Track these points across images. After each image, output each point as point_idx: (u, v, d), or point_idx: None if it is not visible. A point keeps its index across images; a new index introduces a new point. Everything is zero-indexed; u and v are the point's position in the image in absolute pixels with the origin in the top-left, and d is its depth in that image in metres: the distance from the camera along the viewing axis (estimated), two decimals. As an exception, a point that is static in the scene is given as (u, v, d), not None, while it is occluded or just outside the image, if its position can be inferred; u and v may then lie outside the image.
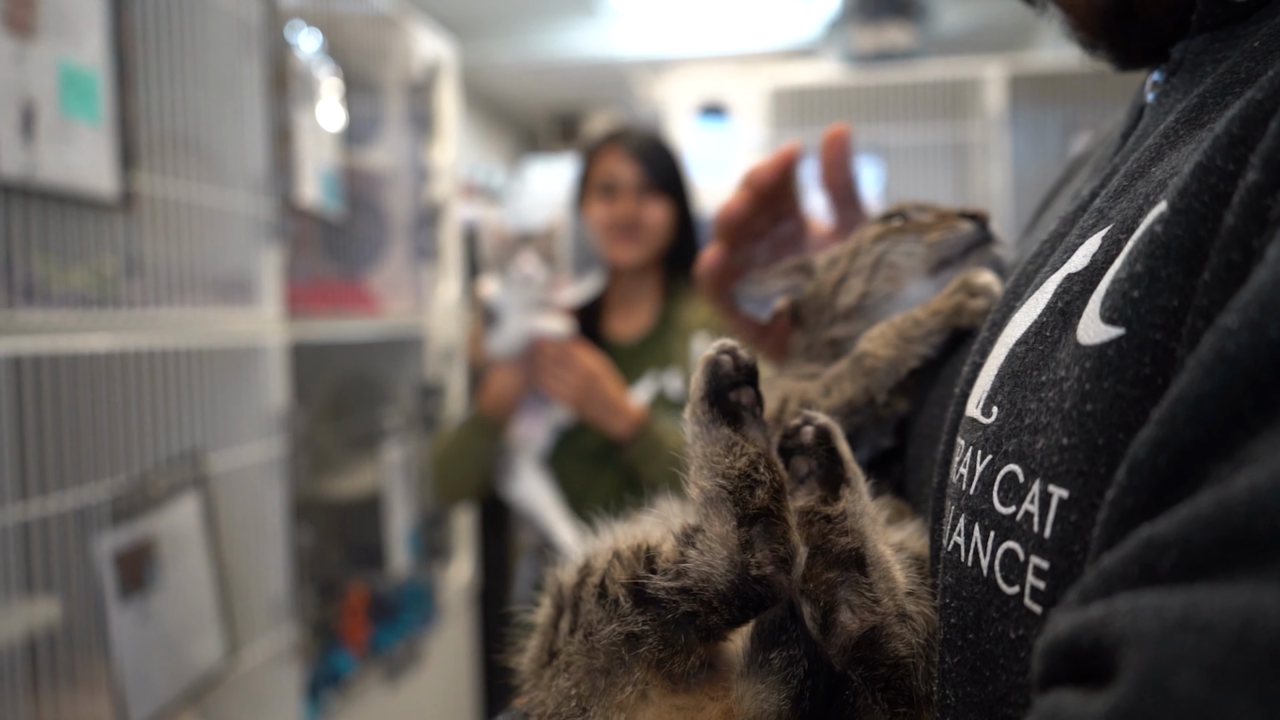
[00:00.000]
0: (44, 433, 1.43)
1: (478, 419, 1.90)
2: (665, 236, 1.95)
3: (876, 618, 0.40)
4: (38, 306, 1.41)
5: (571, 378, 1.78)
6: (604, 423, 1.80)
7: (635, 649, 0.39)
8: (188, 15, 1.76)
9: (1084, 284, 0.40)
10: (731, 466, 0.40)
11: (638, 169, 1.92)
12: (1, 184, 1.34)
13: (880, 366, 0.55)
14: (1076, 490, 0.35)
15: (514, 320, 1.78)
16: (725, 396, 0.42)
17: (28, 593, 1.42)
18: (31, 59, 1.39)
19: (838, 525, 0.41)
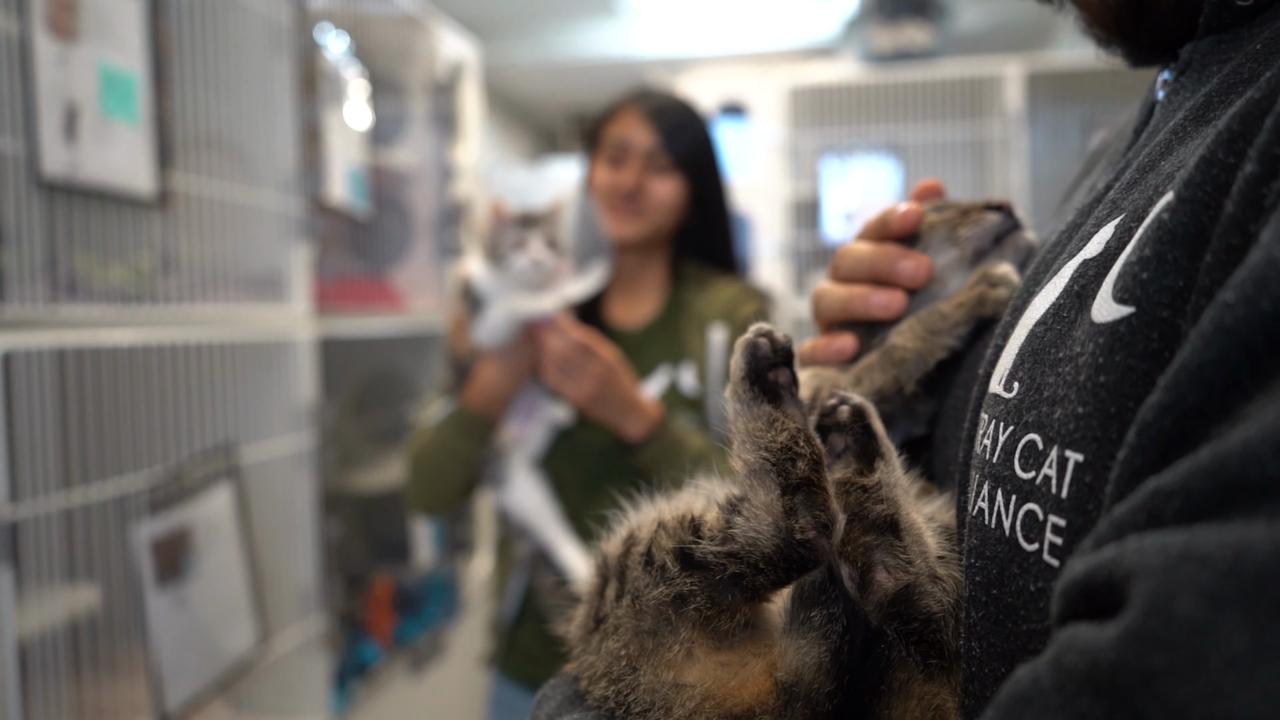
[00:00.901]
0: (86, 424, 1.47)
1: (463, 417, 1.63)
2: (672, 215, 1.70)
3: (910, 577, 0.43)
4: (80, 302, 1.46)
5: (591, 371, 1.51)
6: (617, 422, 1.56)
7: (683, 609, 0.42)
8: (221, 17, 1.80)
9: (1098, 268, 0.43)
10: (774, 440, 0.43)
11: (652, 135, 1.67)
12: (46, 183, 1.38)
13: (909, 358, 0.58)
14: (1091, 454, 0.38)
15: (499, 306, 1.54)
16: (764, 376, 0.45)
17: (69, 579, 1.46)
18: (74, 61, 1.43)
19: (873, 494, 0.44)
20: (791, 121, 3.49)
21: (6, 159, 1.32)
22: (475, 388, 1.62)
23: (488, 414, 1.62)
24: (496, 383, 1.60)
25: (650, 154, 1.67)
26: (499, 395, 1.61)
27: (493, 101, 6.54)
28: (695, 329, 1.68)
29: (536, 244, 1.50)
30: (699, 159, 1.70)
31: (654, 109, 1.68)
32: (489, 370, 1.60)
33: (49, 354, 1.39)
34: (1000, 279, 0.58)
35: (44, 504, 1.37)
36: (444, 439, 1.64)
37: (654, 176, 1.67)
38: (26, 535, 1.34)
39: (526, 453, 1.65)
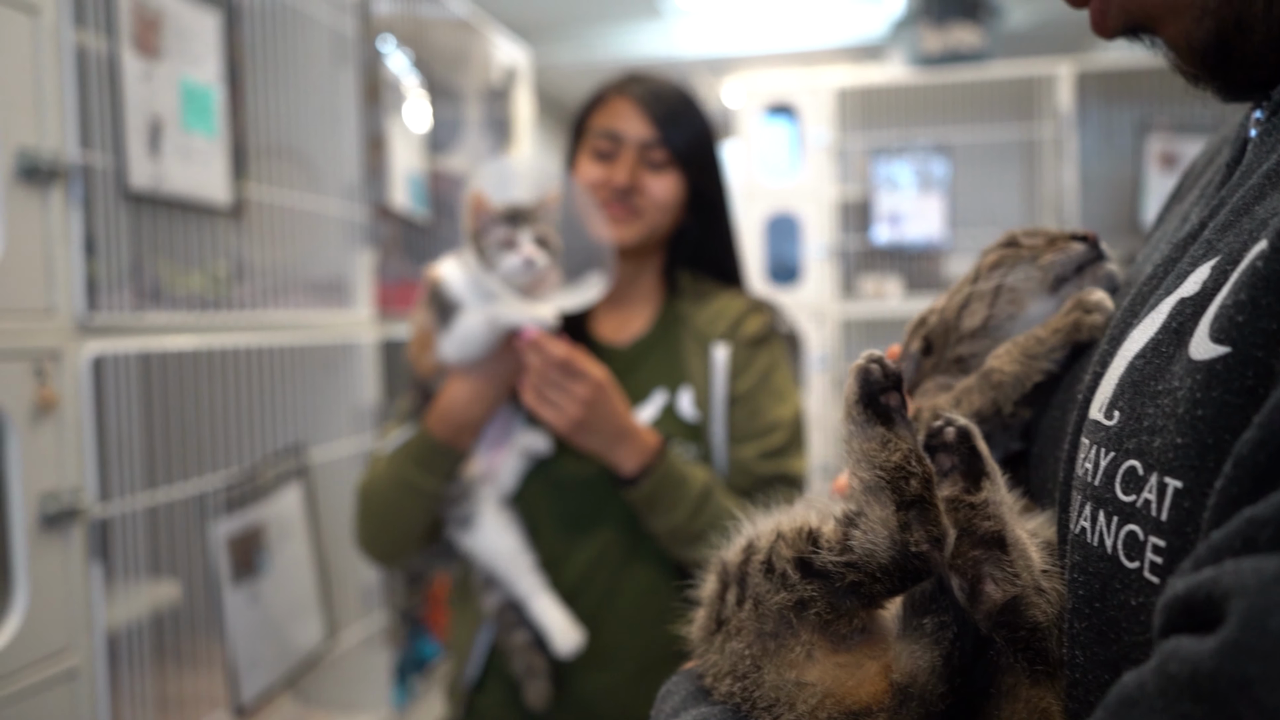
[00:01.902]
0: (168, 426, 1.53)
1: (424, 446, 1.36)
2: (670, 217, 1.47)
3: (1017, 589, 0.46)
4: (162, 308, 1.51)
5: (576, 392, 1.28)
6: (607, 452, 1.32)
7: (804, 614, 0.46)
8: (289, 30, 1.85)
9: (1195, 307, 0.46)
10: (888, 460, 0.46)
11: (647, 125, 1.43)
12: (133, 194, 1.44)
13: (1007, 381, 0.61)
14: (1189, 481, 0.41)
15: (476, 313, 1.30)
16: (877, 400, 0.48)
17: (153, 574, 1.52)
18: (157, 78, 1.49)
19: (980, 511, 0.47)
20: (839, 123, 3.49)
21: (96, 172, 1.38)
22: (440, 411, 1.36)
23: (454, 443, 1.36)
24: (466, 406, 1.35)
25: (644, 147, 1.43)
26: (468, 421, 1.36)
27: (537, 104, 6.59)
28: (695, 347, 1.46)
29: (527, 242, 1.29)
30: (699, 154, 1.47)
31: (648, 96, 1.45)
32: (457, 390, 1.35)
33: (135, 359, 1.45)
34: (1095, 305, 0.61)
35: (130, 502, 1.43)
36: (401, 472, 1.37)
37: (649, 172, 1.44)
38: (115, 532, 1.41)
39: (497, 489, 1.40)
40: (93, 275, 1.38)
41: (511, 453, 1.41)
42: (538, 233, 1.30)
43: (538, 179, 1.43)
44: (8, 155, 1.26)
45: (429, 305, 1.37)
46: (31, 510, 1.28)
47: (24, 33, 1.28)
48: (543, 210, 1.33)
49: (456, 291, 1.32)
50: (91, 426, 1.36)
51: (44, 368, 1.30)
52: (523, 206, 1.31)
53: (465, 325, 1.31)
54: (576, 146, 1.51)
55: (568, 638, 1.36)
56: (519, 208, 1.31)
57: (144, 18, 1.46)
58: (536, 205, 1.33)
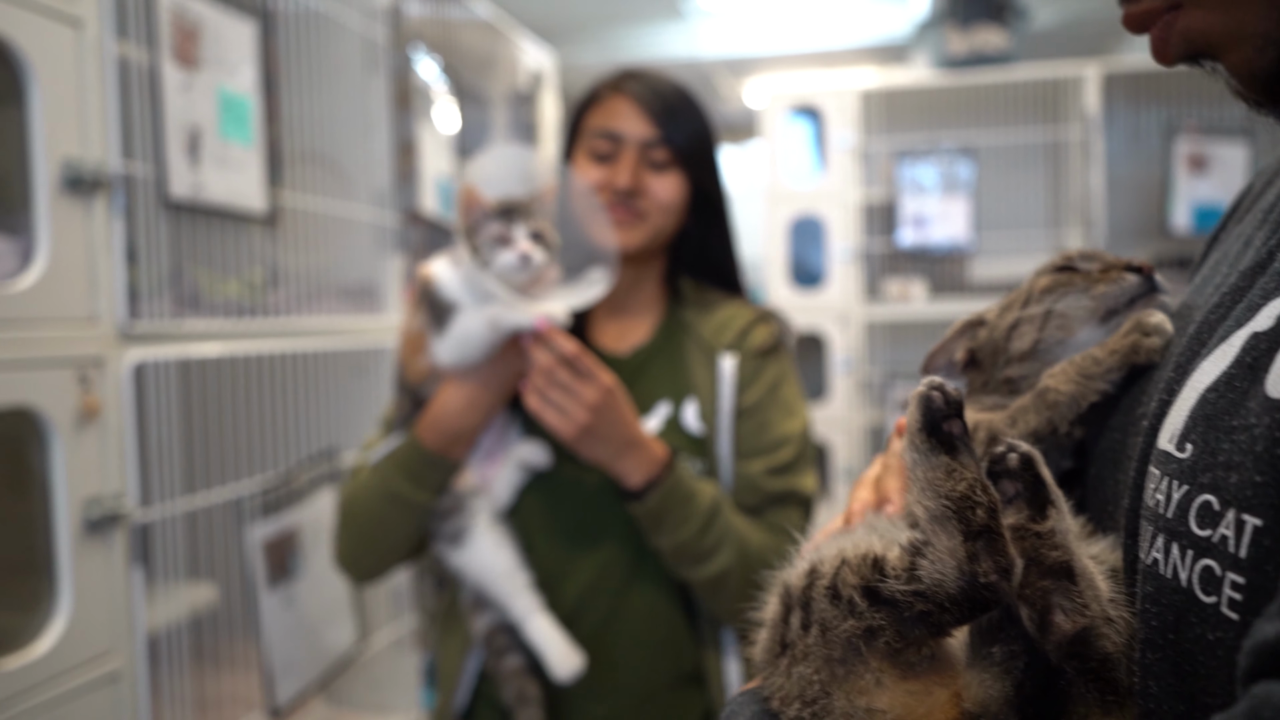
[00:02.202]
0: (208, 431, 1.55)
1: (414, 456, 1.28)
2: (674, 220, 1.40)
3: (1087, 620, 0.46)
4: (202, 315, 1.53)
5: (585, 396, 1.20)
6: (613, 462, 1.25)
7: (873, 642, 0.46)
8: (322, 38, 1.87)
9: (1270, 343, 0.46)
10: (953, 489, 0.46)
11: (647, 124, 1.36)
12: (173, 204, 1.46)
13: (1063, 400, 0.62)
14: (1269, 519, 0.41)
15: (474, 314, 1.22)
16: (940, 428, 0.48)
17: (191, 577, 1.54)
18: (196, 88, 1.51)
19: (1047, 541, 0.48)
20: (864, 125, 3.49)
21: (137, 182, 1.40)
22: (431, 419, 1.28)
23: (447, 453, 1.28)
24: (461, 413, 1.27)
25: (646, 146, 1.37)
26: (463, 429, 1.28)
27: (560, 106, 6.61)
28: (700, 357, 1.40)
29: (522, 237, 1.22)
30: (700, 152, 1.41)
31: (647, 94, 1.38)
32: (451, 397, 1.28)
33: (174, 365, 1.47)
34: (1154, 328, 0.61)
35: (170, 507, 1.45)
36: (388, 484, 1.29)
37: (651, 173, 1.37)
38: (155, 536, 1.43)
39: (491, 503, 1.32)
40: (134, 283, 1.40)
41: (507, 464, 1.33)
42: (533, 228, 1.23)
43: (533, 173, 1.34)
44: (53, 166, 1.28)
45: (420, 306, 1.29)
46: (75, 515, 1.30)
47: (68, 45, 1.30)
48: (538, 205, 1.26)
49: (450, 292, 1.24)
50: (133, 432, 1.38)
51: (87, 375, 1.32)
52: (517, 201, 1.24)
53: (463, 327, 1.23)
54: (571, 147, 1.44)
55: (567, 662, 1.26)
56: (513, 202, 1.23)
57: (183, 28, 1.48)
58: (531, 200, 1.26)
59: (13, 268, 1.25)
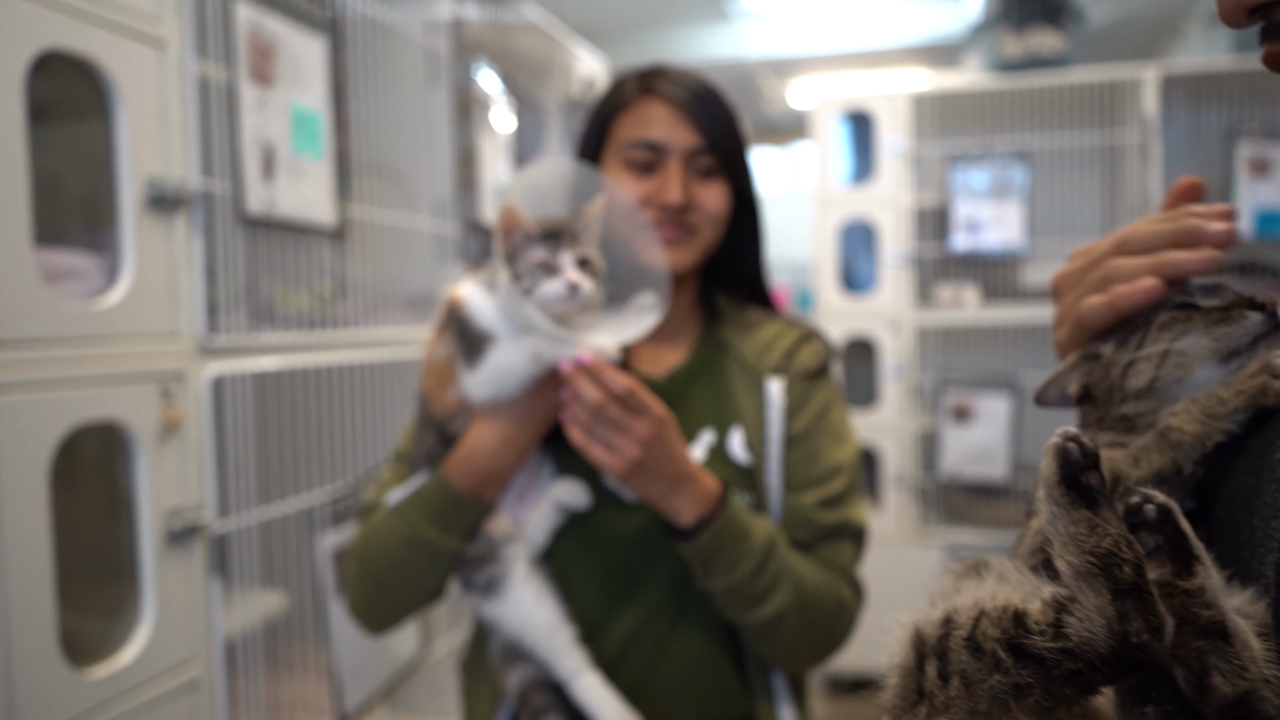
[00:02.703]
0: (282, 442, 1.58)
1: (443, 499, 1.17)
2: (721, 231, 1.30)
3: (1247, 684, 0.46)
4: (275, 328, 1.56)
5: (637, 429, 1.09)
6: (665, 498, 1.14)
7: (1021, 699, 0.46)
8: (387, 51, 1.89)
9: None
10: (1098, 545, 0.46)
11: (692, 130, 1.25)
12: (249, 219, 1.48)
13: (1187, 440, 0.61)
14: None
15: (514, 347, 1.11)
16: (1078, 480, 0.48)
17: (264, 584, 1.57)
18: (270, 105, 1.53)
19: (1198, 599, 0.47)
20: (915, 129, 3.46)
21: (216, 198, 1.43)
22: (461, 458, 1.17)
23: (478, 495, 1.17)
24: (494, 451, 1.16)
25: (691, 155, 1.25)
26: (496, 469, 1.17)
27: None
28: (745, 381, 1.30)
29: (569, 265, 1.09)
30: (741, 156, 1.30)
31: (686, 97, 1.26)
32: (484, 434, 1.16)
33: (249, 378, 1.49)
34: None
35: (245, 518, 1.48)
36: (413, 528, 1.18)
37: (698, 183, 1.26)
38: (231, 546, 1.45)
39: (527, 548, 1.20)
40: (212, 298, 1.43)
41: (542, 506, 1.21)
42: (580, 253, 1.10)
43: (577, 188, 1.21)
44: (138, 185, 1.31)
45: (446, 332, 1.18)
46: (158, 527, 1.33)
47: (152, 66, 1.33)
48: (584, 226, 1.13)
49: (484, 320, 1.13)
50: (211, 445, 1.41)
51: (169, 389, 1.35)
52: (562, 223, 1.11)
53: (501, 361, 1.11)
54: (598, 155, 1.30)
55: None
56: (558, 224, 1.11)
57: (259, 46, 1.51)
58: (578, 221, 1.13)
59: (100, 285, 1.28)
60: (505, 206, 1.07)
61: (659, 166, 1.25)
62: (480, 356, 1.12)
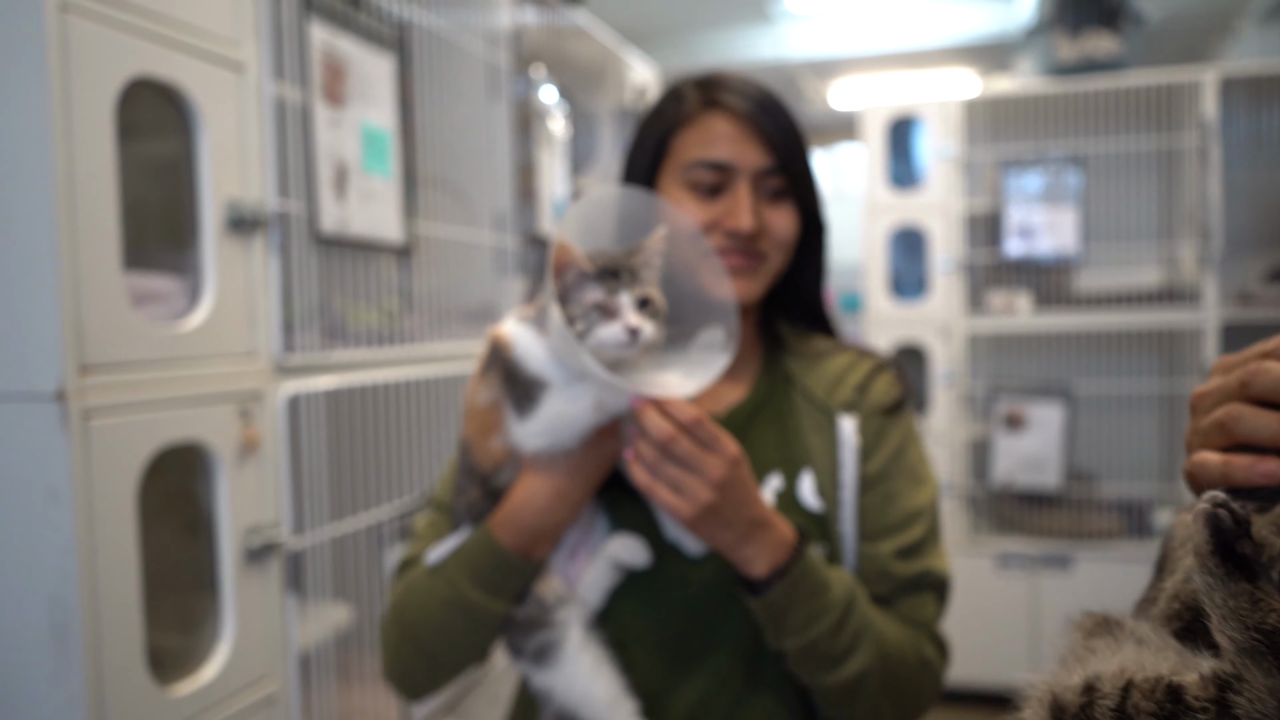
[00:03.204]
0: (353, 459, 1.59)
1: (489, 557, 1.06)
2: (789, 256, 1.21)
3: None
4: (345, 345, 1.57)
5: (710, 470, 0.97)
6: (737, 547, 1.01)
7: None
8: (450, 67, 1.90)
9: None
10: (1263, 621, 0.45)
11: (762, 149, 1.14)
12: (322, 238, 1.50)
13: None
14: None
15: (573, 396, 1.00)
16: (1233, 550, 0.47)
17: (333, 598, 1.58)
18: (342, 124, 1.55)
19: None
20: (967, 134, 3.43)
21: (291, 219, 1.45)
22: (509, 513, 1.05)
23: (528, 554, 1.06)
24: (547, 507, 1.04)
25: (761, 176, 1.15)
26: (548, 526, 1.05)
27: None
28: (814, 418, 1.18)
29: (630, 308, 0.97)
30: (809, 175, 1.19)
31: (754, 110, 1.14)
32: (534, 487, 1.05)
33: (322, 395, 1.51)
34: None
35: (319, 534, 1.50)
36: (456, 590, 1.06)
37: (767, 206, 1.16)
38: (305, 562, 1.47)
39: (581, 611, 1.08)
40: (287, 317, 1.44)
41: (596, 563, 1.10)
42: (640, 293, 0.98)
43: (631, 213, 1.07)
44: (219, 207, 1.32)
45: (492, 376, 1.06)
46: (237, 544, 1.35)
47: (232, 89, 1.35)
48: (643, 261, 1.00)
49: (536, 365, 1.01)
50: (287, 463, 1.43)
51: (247, 408, 1.37)
52: (620, 259, 0.99)
53: (560, 410, 1.00)
54: (654, 173, 1.18)
55: None
56: (616, 261, 0.98)
57: (331, 66, 1.52)
58: (637, 255, 1.00)
59: (183, 307, 1.30)
60: (557, 243, 0.94)
61: (725, 189, 1.14)
62: (532, 404, 1.01)
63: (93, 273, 1.13)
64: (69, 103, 1.10)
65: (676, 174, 1.16)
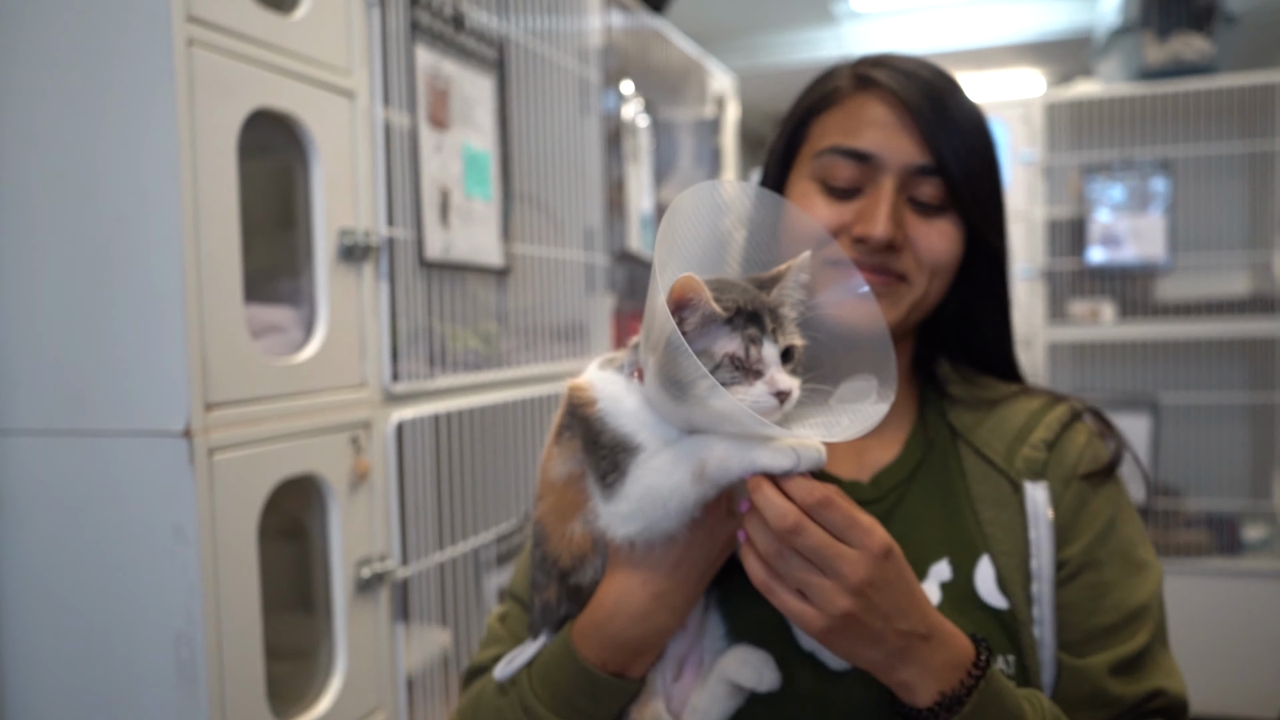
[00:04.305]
0: (453, 483, 1.58)
1: (572, 674, 0.84)
2: (945, 283, 0.96)
3: None
4: (447, 370, 1.56)
5: (848, 566, 0.71)
6: (891, 667, 0.76)
7: None
8: (544, 84, 1.87)
9: None
10: None
11: (917, 143, 0.91)
12: (428, 264, 1.48)
13: None
14: None
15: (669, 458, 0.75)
16: None
17: (436, 623, 1.57)
18: (445, 148, 1.53)
19: None
20: (1048, 139, 3.34)
21: (398, 244, 1.43)
22: (596, 620, 0.83)
23: (621, 671, 0.84)
24: (643, 614, 0.81)
25: (911, 176, 0.92)
26: (646, 635, 0.82)
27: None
28: (989, 485, 0.93)
29: (777, 365, 0.73)
30: (985, 187, 0.95)
31: (915, 95, 0.92)
32: (627, 589, 0.82)
33: (428, 422, 1.50)
34: None
35: (425, 562, 1.49)
36: (532, 714, 0.85)
37: (917, 217, 0.93)
38: (413, 590, 1.46)
39: None
40: (394, 345, 1.43)
41: (709, 682, 0.85)
42: (786, 341, 0.75)
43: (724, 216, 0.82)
44: (331, 236, 1.31)
45: (572, 442, 0.84)
46: (349, 576, 1.34)
47: (344, 117, 1.34)
48: (783, 295, 0.77)
49: (626, 422, 0.77)
50: (395, 491, 1.41)
51: (358, 438, 1.35)
52: (755, 296, 0.75)
53: (654, 481, 0.75)
54: (787, 168, 0.98)
55: None
56: (754, 301, 0.75)
57: (435, 89, 1.51)
58: (775, 287, 0.77)
59: (299, 338, 1.29)
60: (682, 278, 0.71)
61: (865, 189, 0.92)
62: (620, 476, 0.76)
63: (217, 307, 1.12)
64: (195, 136, 1.09)
65: (807, 165, 0.95)
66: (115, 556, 1.12)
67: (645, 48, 2.30)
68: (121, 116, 1.08)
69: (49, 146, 1.12)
